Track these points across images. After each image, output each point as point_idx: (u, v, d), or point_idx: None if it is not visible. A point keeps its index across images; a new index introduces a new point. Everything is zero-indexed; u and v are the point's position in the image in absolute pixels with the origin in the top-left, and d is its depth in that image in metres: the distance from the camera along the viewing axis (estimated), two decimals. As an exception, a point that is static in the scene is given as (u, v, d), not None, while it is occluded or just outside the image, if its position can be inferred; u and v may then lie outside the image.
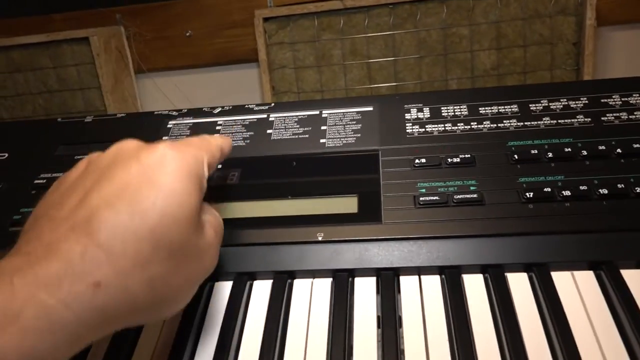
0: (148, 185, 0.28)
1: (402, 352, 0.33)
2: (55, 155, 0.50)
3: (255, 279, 0.39)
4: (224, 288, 0.38)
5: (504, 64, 1.13)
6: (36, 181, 0.47)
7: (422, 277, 0.37)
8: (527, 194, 0.39)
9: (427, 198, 0.40)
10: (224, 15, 1.29)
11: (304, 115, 0.50)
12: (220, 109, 0.52)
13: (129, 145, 0.31)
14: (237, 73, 1.34)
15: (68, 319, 0.24)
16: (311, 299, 0.37)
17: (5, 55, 1.21)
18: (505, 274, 0.36)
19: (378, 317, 0.35)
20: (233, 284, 0.38)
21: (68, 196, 0.29)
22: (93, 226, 0.26)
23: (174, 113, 0.52)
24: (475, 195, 0.39)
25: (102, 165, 0.30)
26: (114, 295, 0.26)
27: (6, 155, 0.50)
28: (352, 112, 0.49)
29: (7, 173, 0.48)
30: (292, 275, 0.38)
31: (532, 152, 0.42)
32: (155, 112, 0.53)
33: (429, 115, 0.47)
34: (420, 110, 0.48)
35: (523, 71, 1.14)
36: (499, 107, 0.46)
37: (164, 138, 0.50)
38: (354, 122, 0.48)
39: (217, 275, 0.39)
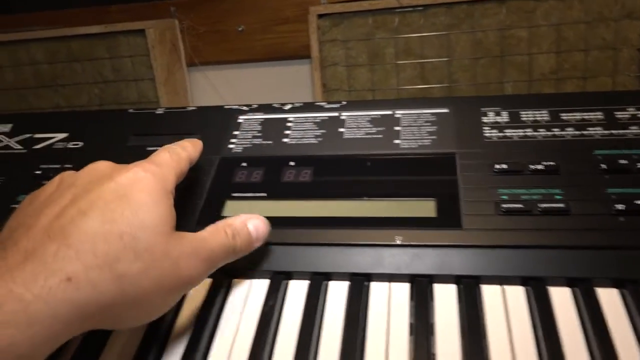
0: (120, 199, 0.31)
1: (488, 363, 0.32)
2: (127, 146, 0.50)
3: (331, 280, 0.38)
4: (300, 287, 0.38)
5: (564, 68, 1.10)
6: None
7: (504, 286, 0.36)
8: (617, 205, 0.37)
9: (509, 205, 0.39)
10: (277, 11, 1.29)
11: (376, 115, 0.49)
12: (290, 106, 0.51)
13: (102, 166, 0.35)
14: (289, 69, 1.34)
15: (44, 313, 0.26)
16: (390, 303, 0.36)
17: (65, 45, 1.24)
18: (594, 288, 0.35)
19: (460, 325, 0.34)
20: (310, 284, 0.38)
21: (45, 207, 0.31)
22: (66, 231, 0.29)
23: (245, 108, 0.52)
24: (562, 205, 0.38)
25: (77, 183, 0.33)
26: (84, 289, 0.28)
27: (81, 144, 0.51)
28: (427, 113, 0.48)
29: (83, 161, 0.49)
30: (369, 278, 0.38)
31: (621, 162, 0.40)
32: (225, 107, 0.53)
33: (507, 120, 0.46)
34: (498, 114, 0.46)
35: (583, 76, 1.10)
36: (583, 114, 0.45)
37: (234, 132, 0.50)
38: (429, 124, 0.47)
39: (293, 274, 0.38)
